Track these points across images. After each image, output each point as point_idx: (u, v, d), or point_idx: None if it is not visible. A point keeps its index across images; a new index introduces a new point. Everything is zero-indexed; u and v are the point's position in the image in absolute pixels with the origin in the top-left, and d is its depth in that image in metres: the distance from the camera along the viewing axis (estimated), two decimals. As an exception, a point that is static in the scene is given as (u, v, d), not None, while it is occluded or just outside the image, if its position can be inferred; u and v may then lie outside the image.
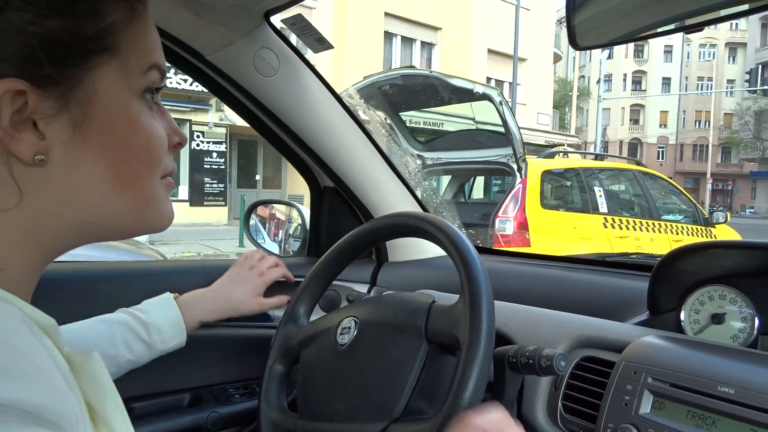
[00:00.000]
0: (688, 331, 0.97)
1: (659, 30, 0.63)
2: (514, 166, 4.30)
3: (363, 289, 1.34)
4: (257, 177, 14.92)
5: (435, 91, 4.37)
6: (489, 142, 4.52)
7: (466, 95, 4.34)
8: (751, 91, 23.72)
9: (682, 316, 0.98)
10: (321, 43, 1.02)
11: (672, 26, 0.62)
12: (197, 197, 13.29)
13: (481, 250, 1.49)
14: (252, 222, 1.67)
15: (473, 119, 4.86)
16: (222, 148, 13.67)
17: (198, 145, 13.28)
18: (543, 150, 8.55)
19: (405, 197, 1.33)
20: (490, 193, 8.49)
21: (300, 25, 0.98)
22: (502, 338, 0.95)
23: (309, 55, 1.20)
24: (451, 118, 6.77)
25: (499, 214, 4.22)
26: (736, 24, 40.09)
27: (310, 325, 0.92)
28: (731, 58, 40.81)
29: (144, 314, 0.93)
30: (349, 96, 4.23)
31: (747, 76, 20.78)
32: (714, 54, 40.51)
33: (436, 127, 8.05)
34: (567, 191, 5.14)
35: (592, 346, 0.88)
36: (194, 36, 0.97)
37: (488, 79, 16.76)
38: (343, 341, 0.83)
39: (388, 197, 1.30)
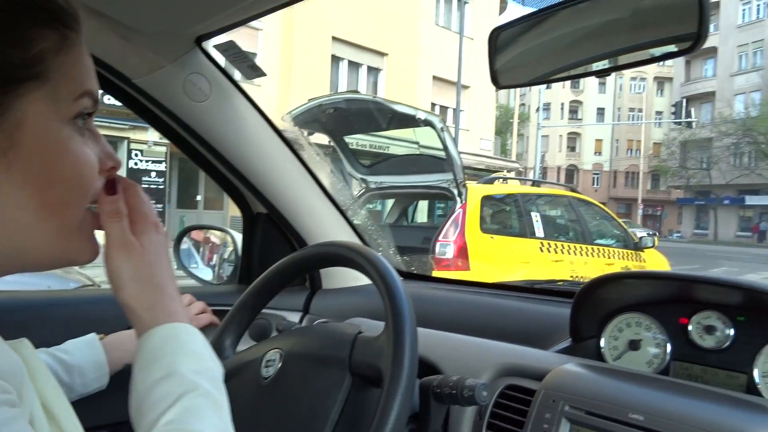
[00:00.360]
0: (608, 357, 1.01)
1: (571, 74, 0.66)
2: (455, 191, 4.39)
3: (296, 317, 1.32)
4: (198, 197, 14.55)
5: (378, 116, 4.43)
6: (431, 167, 4.60)
7: (409, 121, 4.42)
8: (676, 123, 25.29)
9: (602, 342, 1.02)
10: (254, 70, 1.02)
11: (582, 70, 0.66)
12: (134, 217, 12.78)
13: (415, 277, 1.51)
14: (184, 246, 1.63)
15: (417, 144, 4.95)
16: (162, 167, 13.28)
17: (136, 164, 12.86)
18: (485, 175, 8.79)
19: (339, 224, 1.33)
20: (434, 217, 8.61)
21: (232, 51, 0.98)
22: (430, 367, 0.96)
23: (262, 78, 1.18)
24: (396, 142, 6.86)
25: (440, 238, 4.28)
26: (663, 60, 42.74)
27: (235, 358, 0.90)
28: (659, 91, 43.44)
29: (67, 356, 0.90)
30: (284, 121, 4.22)
31: (673, 109, 22.18)
32: (644, 87, 43.02)
33: (381, 151, 8.12)
34: (506, 216, 5.28)
35: (516, 375, 0.90)
36: (121, 59, 0.95)
37: (433, 105, 17.13)
38: (267, 374, 0.81)
39: (323, 224, 1.29)
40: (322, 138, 5.08)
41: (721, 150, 32.27)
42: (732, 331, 0.89)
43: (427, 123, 4.30)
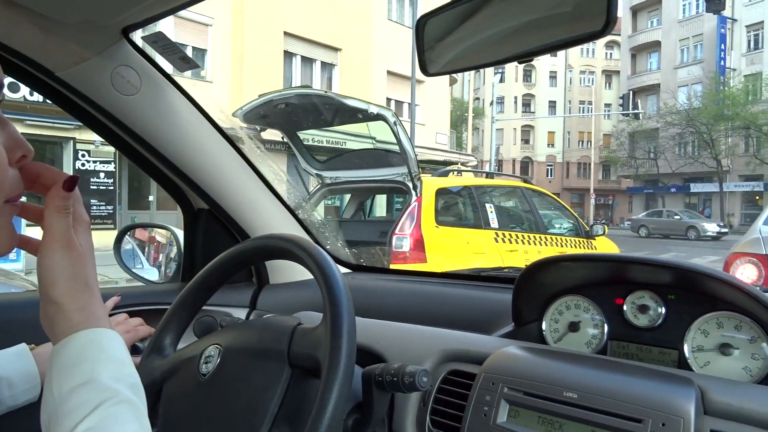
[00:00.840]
0: (549, 339, 1.03)
1: (496, 59, 0.67)
2: (410, 185, 4.41)
3: (243, 313, 1.30)
4: (151, 198, 14.16)
5: (329, 111, 4.40)
6: (385, 162, 4.61)
7: (361, 115, 4.41)
8: (624, 115, 26.14)
9: (544, 325, 1.04)
10: (185, 62, 0.99)
11: (506, 56, 0.67)
12: (82, 220, 12.33)
13: (365, 269, 1.51)
14: (128, 246, 1.57)
15: (373, 138, 4.94)
16: (110, 167, 12.86)
17: (83, 164, 12.41)
18: (441, 168, 8.86)
19: (284, 217, 1.31)
20: (392, 211, 8.63)
21: (162, 43, 0.94)
22: (375, 356, 0.96)
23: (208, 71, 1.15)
24: (352, 137, 6.83)
25: (396, 231, 4.29)
26: (611, 53, 44.17)
27: (174, 355, 0.88)
28: (607, 84, 44.75)
29: None
30: (235, 118, 4.15)
31: (621, 101, 22.87)
32: (593, 80, 44.26)
33: (336, 146, 8.07)
34: (461, 208, 5.33)
35: (458, 360, 0.91)
36: (42, 52, 0.90)
37: (388, 100, 17.15)
38: (206, 370, 0.80)
39: (266, 218, 1.27)
40: (276, 134, 5.01)
41: (667, 140, 33.41)
42: (663, 309, 0.93)
43: (380, 117, 4.30)
